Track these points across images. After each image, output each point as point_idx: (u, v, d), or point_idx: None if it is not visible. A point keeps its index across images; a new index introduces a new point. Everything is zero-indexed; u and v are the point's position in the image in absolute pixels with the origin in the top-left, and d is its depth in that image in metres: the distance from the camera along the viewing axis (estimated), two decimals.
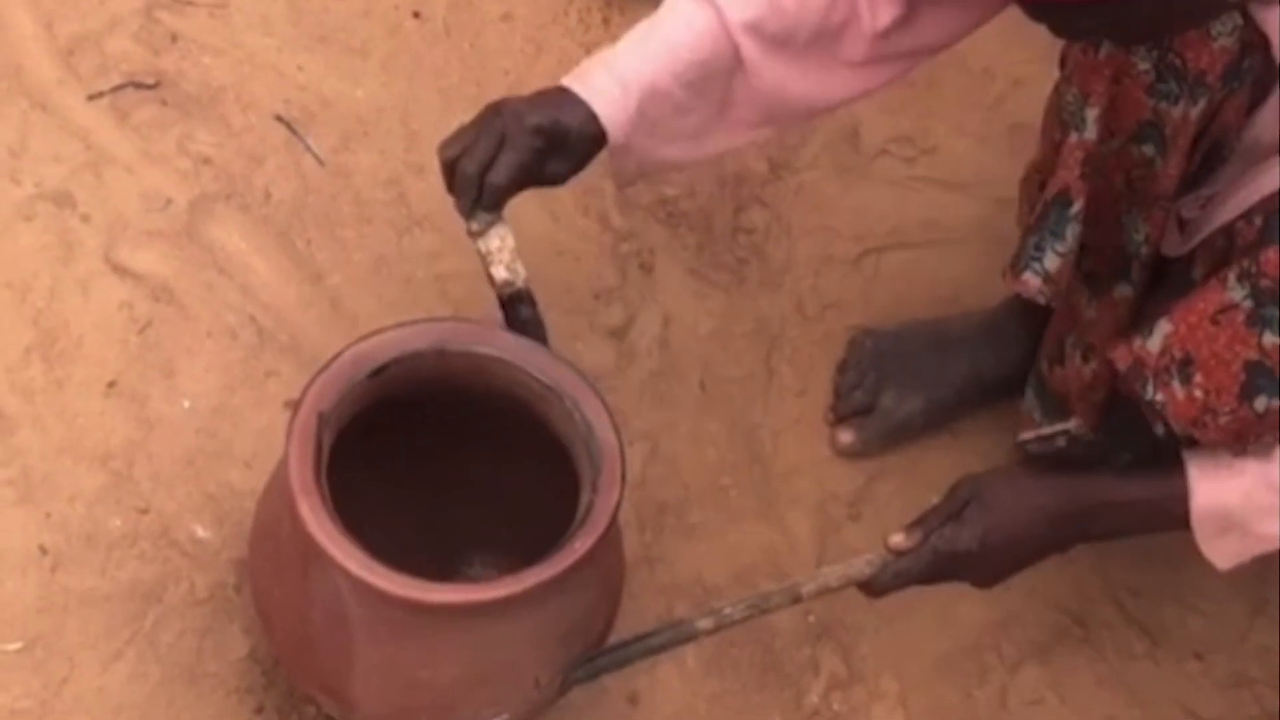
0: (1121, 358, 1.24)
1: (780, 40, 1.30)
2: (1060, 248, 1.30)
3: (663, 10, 1.31)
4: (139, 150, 1.60)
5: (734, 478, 1.54)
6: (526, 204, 1.62)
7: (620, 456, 1.26)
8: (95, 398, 1.48)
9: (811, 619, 1.49)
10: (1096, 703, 1.48)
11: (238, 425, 1.49)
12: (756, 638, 1.47)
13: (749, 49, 1.30)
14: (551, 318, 1.55)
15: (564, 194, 1.63)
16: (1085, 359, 1.37)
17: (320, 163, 1.62)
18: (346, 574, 1.21)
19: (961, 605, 1.50)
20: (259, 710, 1.38)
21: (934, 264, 1.65)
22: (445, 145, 1.31)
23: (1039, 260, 1.32)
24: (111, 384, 1.49)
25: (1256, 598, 1.52)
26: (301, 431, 1.26)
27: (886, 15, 1.31)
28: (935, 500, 1.50)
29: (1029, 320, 1.56)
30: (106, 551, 1.42)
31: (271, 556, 1.30)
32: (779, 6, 1.30)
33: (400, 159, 1.63)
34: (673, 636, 1.30)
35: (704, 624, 1.29)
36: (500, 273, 1.33)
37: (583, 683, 1.30)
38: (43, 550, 1.41)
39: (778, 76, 1.31)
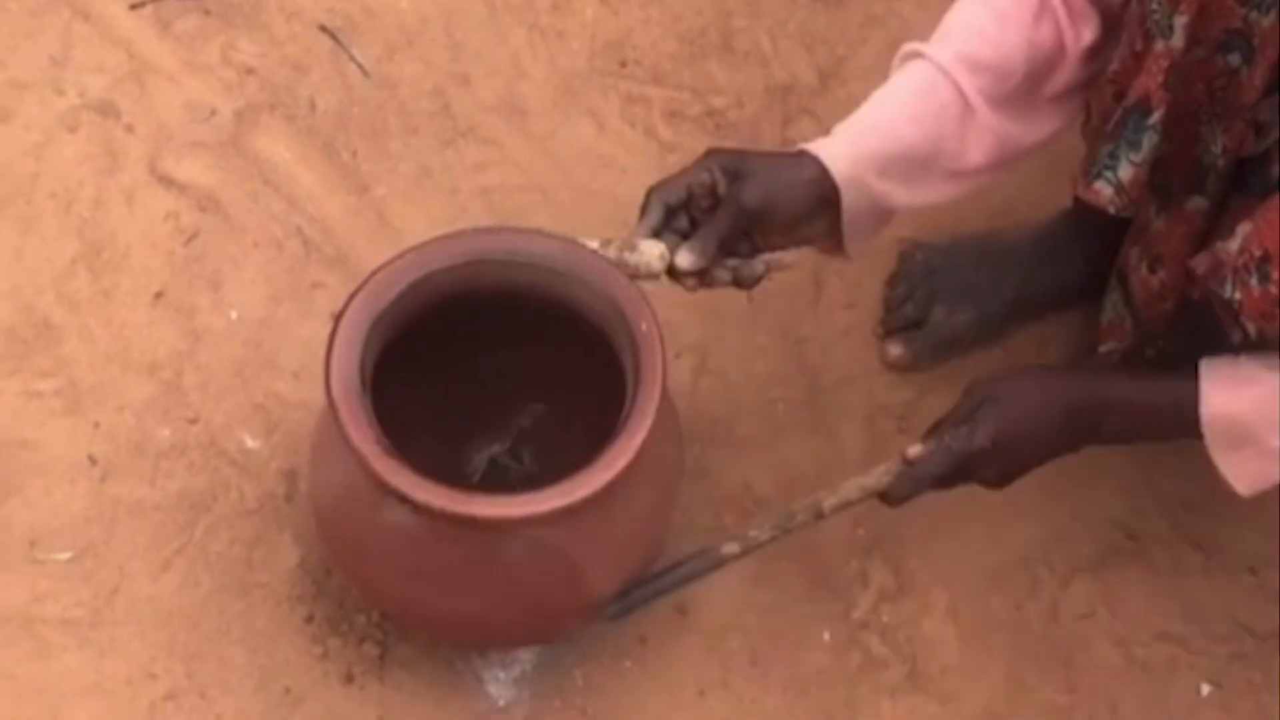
0: (1201, 262, 1.25)
1: (998, 78, 1.33)
2: (1135, 157, 1.29)
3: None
4: (182, 60, 1.60)
5: (783, 391, 1.54)
6: (572, 116, 1.62)
7: (661, 350, 1.27)
8: (142, 308, 1.49)
9: (860, 532, 1.49)
10: (1148, 616, 1.48)
11: (284, 336, 1.50)
12: (806, 551, 1.47)
13: (971, 91, 1.33)
14: (597, 231, 1.56)
15: (610, 104, 1.63)
16: (1152, 269, 1.36)
17: (365, 73, 1.62)
18: (391, 489, 1.22)
19: (1012, 519, 1.50)
20: (309, 619, 1.40)
21: None
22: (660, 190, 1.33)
23: (1113, 169, 1.31)
24: (158, 294, 1.50)
25: None
26: (345, 341, 1.26)
27: (1088, 32, 1.33)
28: None
29: (1083, 233, 1.55)
30: (155, 461, 1.44)
31: (325, 467, 1.31)
32: (987, 39, 1.32)
33: (445, 70, 1.63)
34: (701, 565, 1.32)
35: (730, 549, 1.32)
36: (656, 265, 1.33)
37: (616, 619, 1.32)
38: (91, 460, 1.43)
39: (999, 120, 1.34)
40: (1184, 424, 1.29)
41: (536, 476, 1.41)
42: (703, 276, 1.32)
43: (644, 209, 1.32)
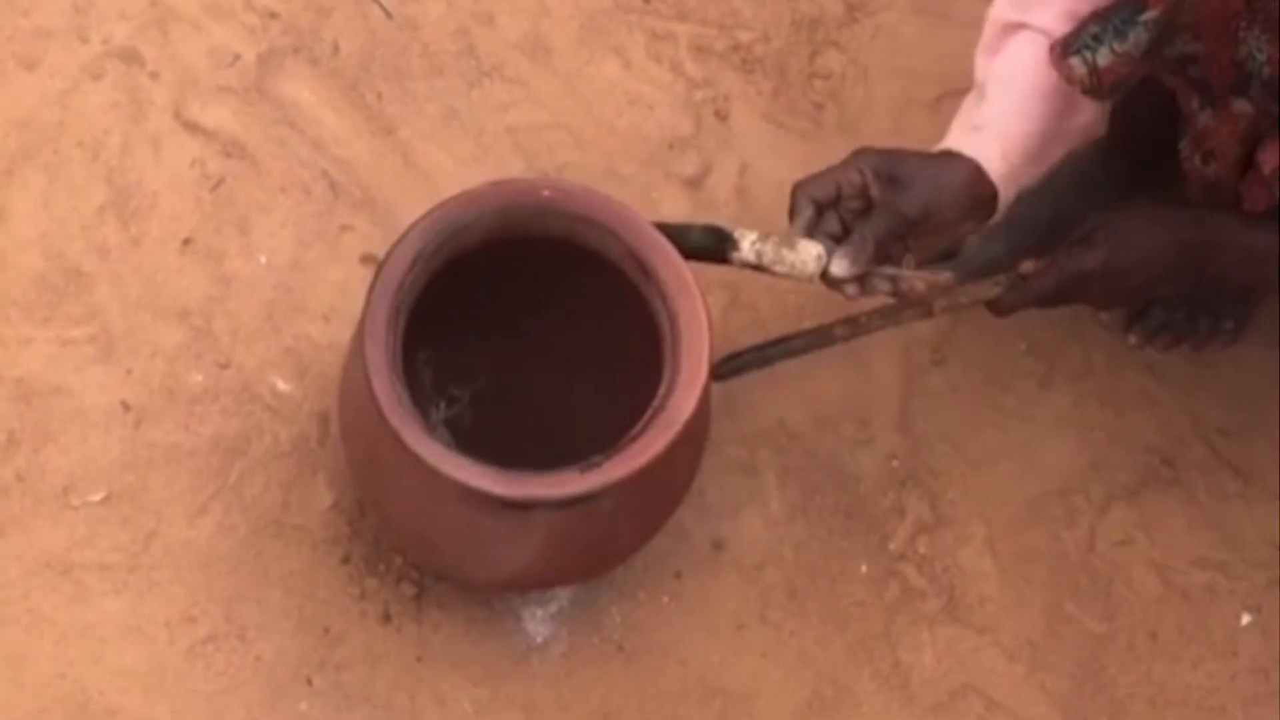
0: (1268, 160, 1.28)
1: None
2: (1119, 47, 1.29)
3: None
4: (204, 6, 1.60)
5: (813, 323, 1.53)
6: (597, 54, 1.62)
7: (707, 337, 1.27)
8: (171, 255, 1.50)
9: (895, 464, 1.50)
10: (1187, 543, 1.49)
11: (314, 280, 1.51)
12: (841, 484, 1.49)
13: None
14: (626, 169, 1.58)
15: (636, 41, 1.63)
16: (1205, 161, 1.37)
17: (388, 14, 1.62)
18: (421, 464, 1.23)
19: (1049, 449, 1.52)
20: (345, 560, 1.41)
21: None
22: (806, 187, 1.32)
23: (1092, 50, 1.31)
24: (187, 241, 1.51)
25: None
26: (379, 302, 1.27)
27: None
28: (1020, 345, 1.54)
29: (1116, 162, 1.55)
30: (189, 406, 1.45)
31: (356, 421, 1.33)
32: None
33: (468, 9, 1.63)
34: (812, 340, 1.38)
35: (841, 330, 1.37)
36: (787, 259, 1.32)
37: (725, 379, 1.35)
38: (125, 406, 1.44)
39: None
40: None
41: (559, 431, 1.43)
42: (862, 285, 1.33)
43: (794, 207, 1.32)
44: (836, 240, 1.32)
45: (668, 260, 1.29)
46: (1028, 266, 1.35)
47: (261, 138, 1.56)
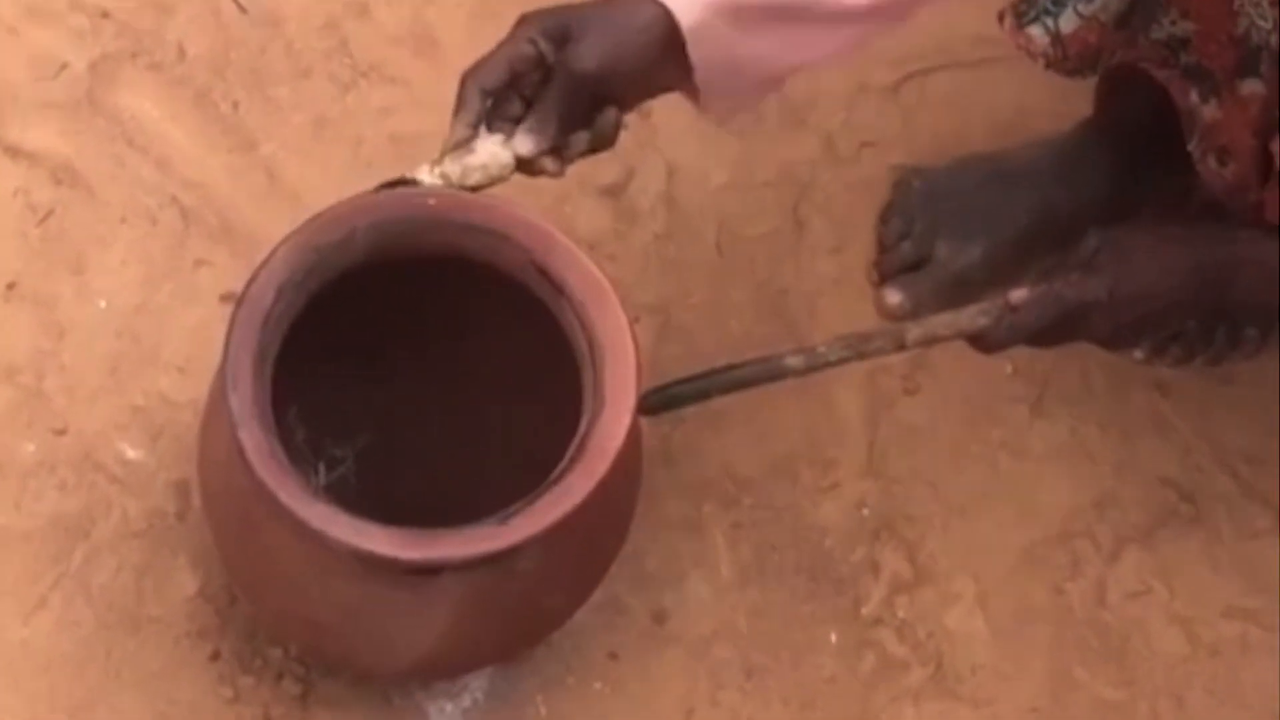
0: None
1: None
2: (1085, 9, 1.29)
3: None
4: (23, 8, 1.61)
5: (761, 352, 1.53)
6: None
7: (633, 353, 1.28)
8: None
9: (865, 512, 1.52)
10: (1213, 590, 1.50)
11: (165, 325, 1.52)
12: (802, 537, 1.50)
13: None
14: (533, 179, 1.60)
15: None
16: (1221, 162, 1.39)
17: (242, 9, 1.63)
18: (304, 529, 1.23)
19: (1045, 487, 1.53)
20: (215, 656, 1.41)
21: (990, 86, 1.66)
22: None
23: (1053, 15, 1.32)
24: (11, 286, 1.52)
25: None
26: (242, 343, 1.28)
27: None
28: (1006, 367, 1.57)
29: (1106, 146, 1.57)
30: (20, 481, 1.45)
31: (222, 489, 1.33)
32: None
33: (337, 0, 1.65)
34: (760, 371, 1.36)
35: (794, 361, 1.35)
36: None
37: (654, 414, 1.35)
38: None
39: None
40: None
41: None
42: (559, 156, 1.32)
43: (459, 101, 1.32)
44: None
45: (580, 269, 1.30)
46: (1019, 295, 1.33)
47: (96, 160, 1.57)
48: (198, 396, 1.44)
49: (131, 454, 1.47)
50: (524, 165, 1.32)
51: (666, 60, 1.32)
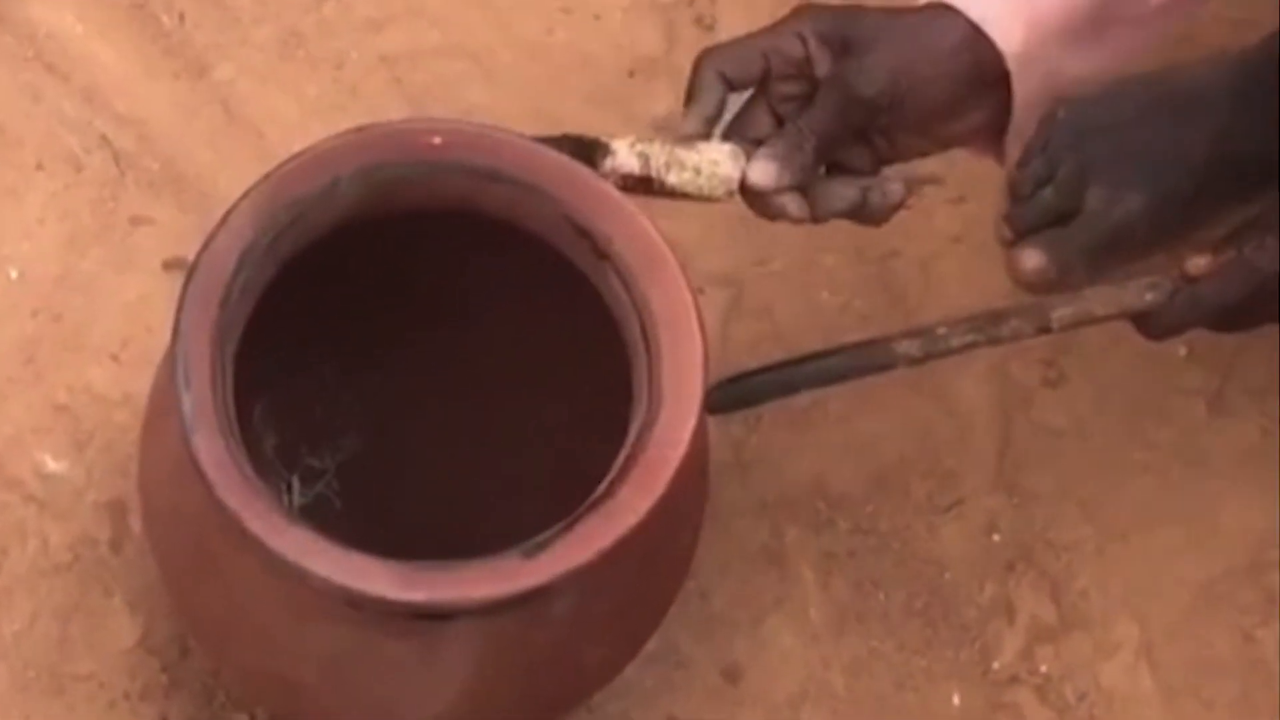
0: None
1: None
2: None
3: None
4: None
5: (864, 332, 1.51)
6: None
7: (699, 338, 1.26)
8: None
9: (997, 538, 1.51)
10: None
11: (94, 301, 1.52)
12: (915, 571, 1.50)
13: None
14: (564, 110, 1.61)
15: None
16: None
17: None
18: (277, 562, 1.22)
19: (1227, 506, 1.53)
20: None
21: None
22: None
23: None
24: None
25: None
26: (196, 325, 1.26)
27: None
28: (1179, 350, 1.57)
29: None
30: None
31: (169, 510, 1.32)
32: None
33: None
34: (861, 359, 1.34)
35: (906, 347, 1.33)
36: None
37: (724, 412, 1.34)
38: None
39: None
40: None
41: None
42: (805, 198, 1.32)
43: (693, 87, 1.32)
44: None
45: (630, 227, 1.28)
46: (1198, 264, 1.34)
47: (6, 91, 1.57)
48: (136, 392, 1.44)
49: (52, 466, 1.47)
50: (754, 197, 1.32)
51: (971, 98, 1.33)
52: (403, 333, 1.43)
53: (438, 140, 1.29)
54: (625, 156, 1.30)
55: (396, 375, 1.45)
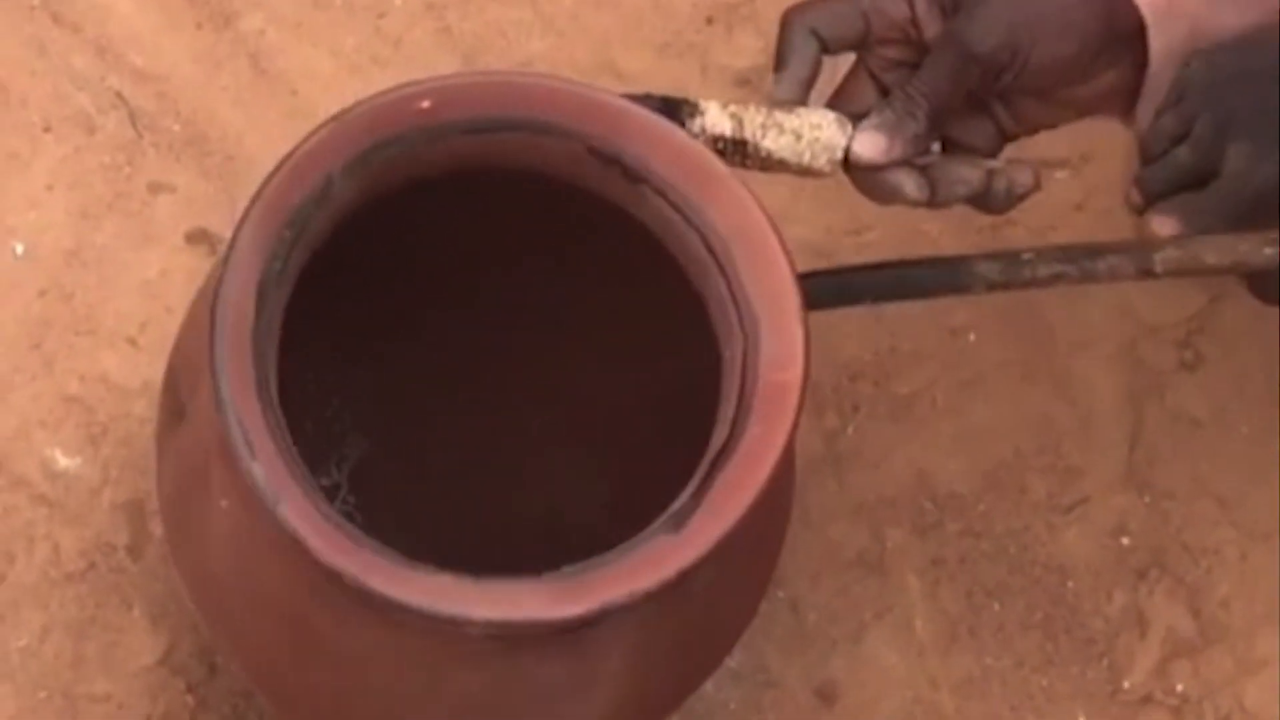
0: None
1: None
2: None
3: None
4: None
5: (974, 312, 1.56)
6: None
7: (782, 249, 1.26)
8: None
9: (1126, 541, 1.51)
10: None
11: (109, 278, 1.53)
12: (1034, 578, 1.50)
13: None
14: (634, 62, 1.62)
15: None
16: None
17: None
18: (321, 568, 1.21)
19: None
20: None
21: None
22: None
23: None
24: None
25: None
26: (236, 376, 1.26)
27: None
28: None
29: None
30: None
31: (198, 511, 1.32)
32: None
33: None
34: (932, 275, 1.33)
35: (986, 269, 1.32)
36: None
37: (822, 308, 1.32)
38: None
39: None
40: None
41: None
42: (921, 175, 1.33)
43: (782, 48, 1.32)
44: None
45: (666, 141, 1.27)
46: None
47: (10, 45, 1.58)
48: (157, 379, 1.41)
49: (63, 463, 1.48)
50: (862, 175, 1.33)
51: (1103, 52, 1.33)
52: (407, 327, 1.44)
53: (426, 104, 1.29)
54: (717, 117, 1.30)
55: (401, 371, 1.45)
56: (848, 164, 1.32)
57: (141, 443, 1.46)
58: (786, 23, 1.32)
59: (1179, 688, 1.48)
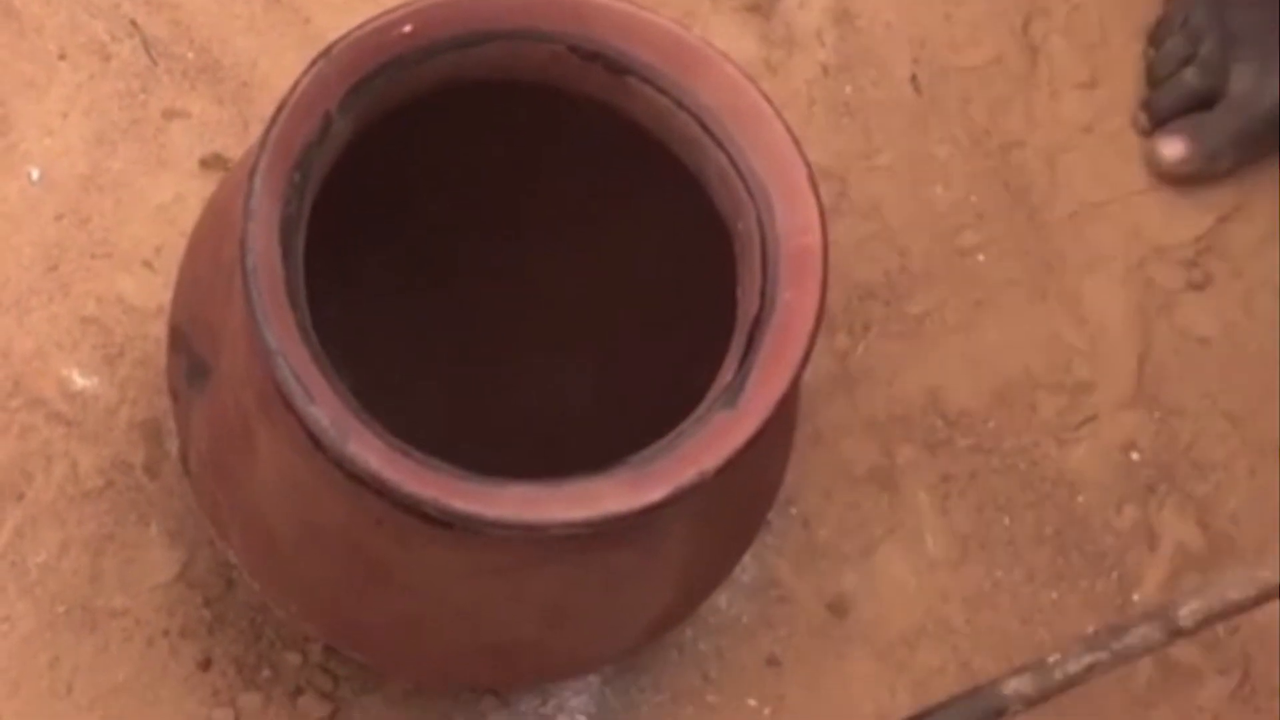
0: None
1: None
2: None
3: None
4: None
5: (983, 232, 1.57)
6: None
7: (779, 120, 1.26)
8: None
9: (1136, 457, 1.52)
10: None
11: (124, 202, 1.53)
12: (1044, 494, 1.51)
13: None
14: None
15: None
16: None
17: None
18: (356, 467, 1.21)
19: None
20: (205, 665, 1.43)
21: None
22: None
23: None
24: None
25: None
26: (263, 256, 1.26)
27: None
28: None
29: None
30: None
31: (222, 427, 1.32)
32: None
33: None
34: (966, 712, 1.34)
35: (1016, 686, 1.33)
36: None
37: None
38: None
39: None
40: None
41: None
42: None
43: None
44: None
45: (648, 30, 1.27)
46: None
47: None
48: (169, 299, 1.45)
49: (81, 382, 1.49)
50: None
51: None
52: (399, 242, 1.45)
53: (408, 28, 1.28)
54: None
55: (394, 286, 1.46)
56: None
57: (158, 363, 1.46)
58: None
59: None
